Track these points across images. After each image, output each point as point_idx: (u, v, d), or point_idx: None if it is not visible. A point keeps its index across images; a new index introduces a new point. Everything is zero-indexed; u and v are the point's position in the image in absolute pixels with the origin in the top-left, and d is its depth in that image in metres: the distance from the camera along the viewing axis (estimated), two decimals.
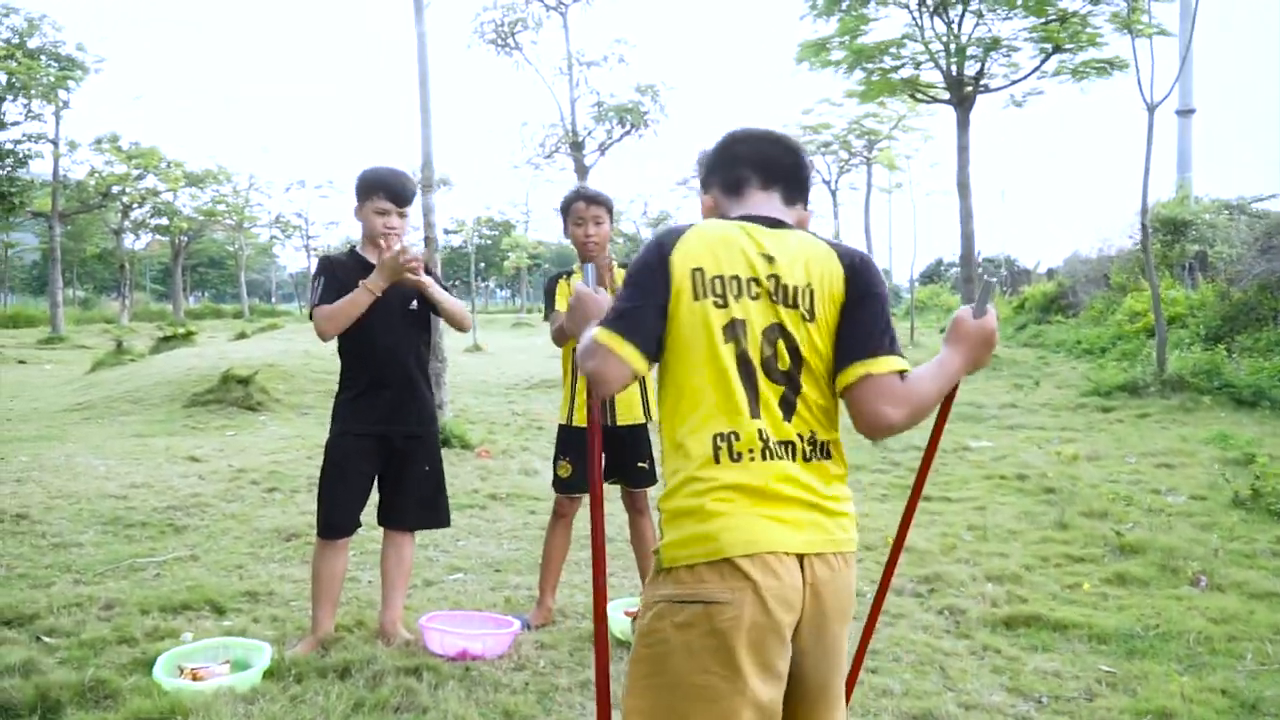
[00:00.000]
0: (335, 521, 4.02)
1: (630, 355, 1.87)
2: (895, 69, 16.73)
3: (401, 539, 4.21)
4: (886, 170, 27.81)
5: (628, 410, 4.33)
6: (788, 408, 1.93)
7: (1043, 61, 15.78)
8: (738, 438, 1.87)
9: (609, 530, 6.04)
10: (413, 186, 4.16)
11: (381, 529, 4.24)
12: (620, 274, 4.54)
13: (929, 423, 2.21)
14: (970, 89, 16.23)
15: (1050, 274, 28.94)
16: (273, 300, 77.40)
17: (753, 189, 2.11)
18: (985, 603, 4.63)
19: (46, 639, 4.07)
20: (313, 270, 4.20)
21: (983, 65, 16.06)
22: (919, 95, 17.37)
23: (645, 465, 4.41)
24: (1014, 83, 16.57)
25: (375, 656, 3.81)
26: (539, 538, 5.66)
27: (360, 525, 4.12)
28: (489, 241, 60.08)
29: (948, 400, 2.20)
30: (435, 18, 9.05)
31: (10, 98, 25.27)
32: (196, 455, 8.75)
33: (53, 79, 26.03)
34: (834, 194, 34.32)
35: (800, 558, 1.85)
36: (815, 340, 1.96)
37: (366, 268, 4.00)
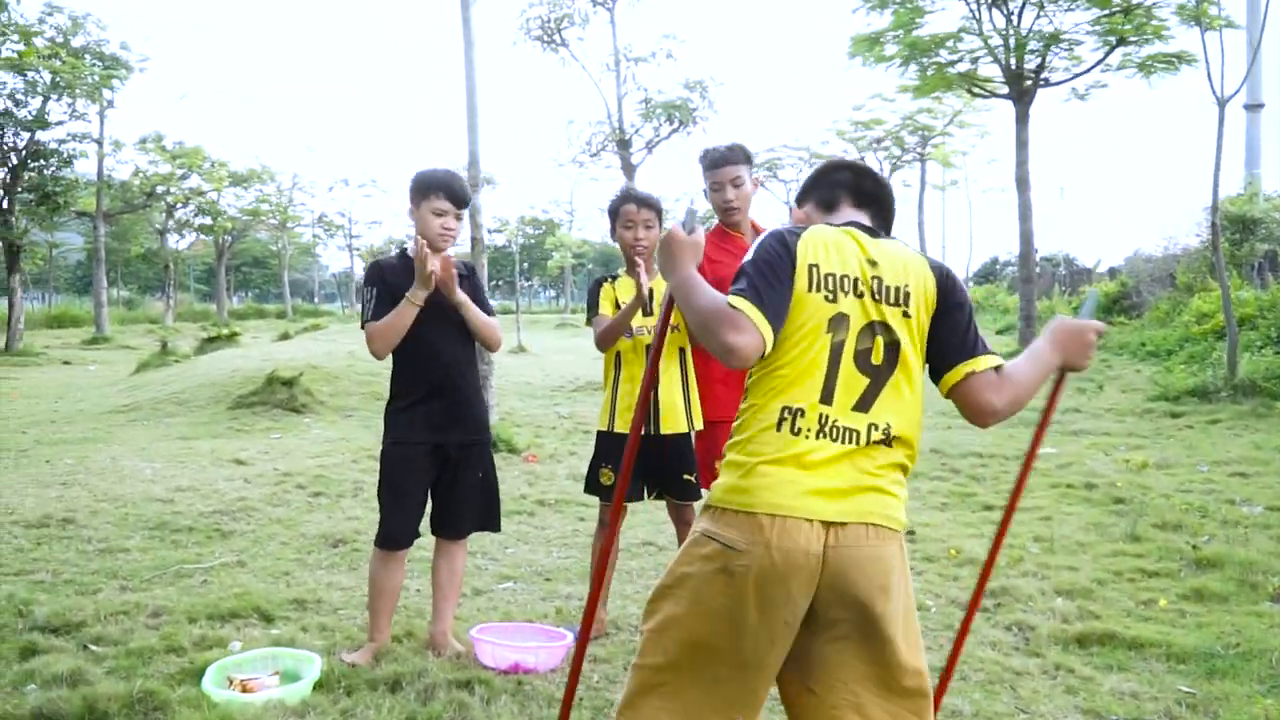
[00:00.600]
0: (395, 534, 3.92)
1: (766, 331, 2.02)
2: (952, 63, 16.44)
3: (454, 548, 4.10)
4: (941, 167, 27.44)
5: (672, 418, 4.15)
6: (868, 398, 2.12)
7: (1106, 54, 15.43)
8: (803, 415, 2.07)
9: (648, 534, 5.94)
10: (467, 188, 4.06)
11: (432, 537, 4.12)
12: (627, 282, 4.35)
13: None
14: (1030, 83, 15.92)
15: (1112, 273, 28.34)
16: (315, 300, 78.06)
17: (846, 206, 2.35)
18: (1056, 619, 4.43)
19: (94, 647, 3.99)
20: (362, 278, 4.07)
21: (1043, 59, 15.73)
22: (976, 90, 17.06)
23: (691, 478, 4.21)
24: (1076, 76, 16.23)
25: (426, 669, 3.69)
26: (588, 546, 5.53)
27: (419, 536, 4.02)
28: (533, 241, 60.19)
29: (1046, 414, 2.56)
30: (481, 14, 8.99)
31: (55, 97, 25.47)
32: (242, 458, 8.71)
33: (97, 78, 26.26)
34: None
35: (827, 526, 2.03)
36: (913, 336, 2.18)
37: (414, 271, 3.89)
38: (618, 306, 4.23)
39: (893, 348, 2.16)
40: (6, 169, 24.94)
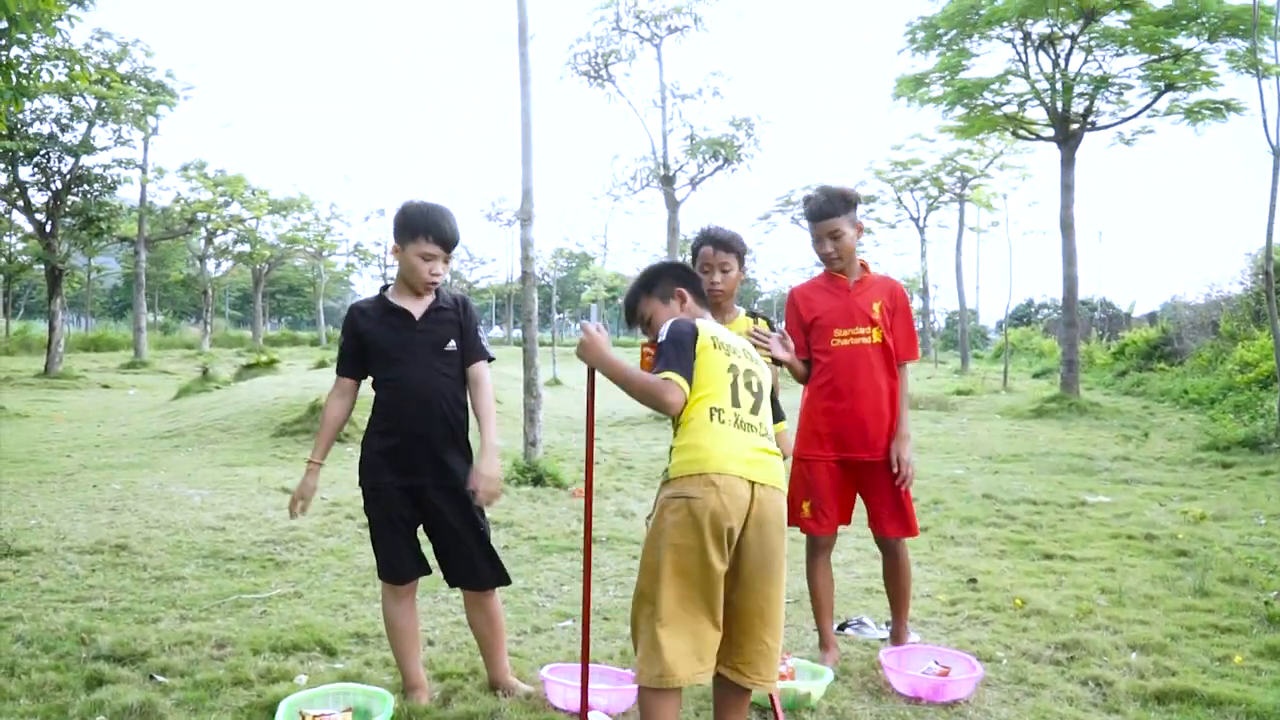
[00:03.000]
0: (393, 564, 3.82)
1: (686, 386, 3.03)
2: (998, 105, 16.40)
3: (481, 597, 3.91)
4: (980, 209, 27.32)
5: None
6: (754, 407, 3.11)
7: (1155, 99, 15.34)
8: (723, 412, 3.02)
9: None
10: (457, 227, 3.85)
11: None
12: (747, 322, 4.31)
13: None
14: (1077, 126, 15.84)
15: (1152, 319, 28.10)
16: None
17: (694, 303, 3.40)
18: (1132, 674, 4.32)
19: (160, 678, 3.96)
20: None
21: (1091, 102, 15.65)
22: (1021, 133, 17.00)
23: None
24: (1123, 120, 16.14)
25: (499, 709, 3.65)
26: None
27: (428, 572, 3.91)
28: (565, 273, 60.36)
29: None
30: (508, 48, 8.97)
31: (100, 123, 25.87)
32: (288, 487, 8.71)
33: (142, 105, 26.65)
34: (922, 231, 33.92)
35: (752, 484, 2.95)
36: (763, 377, 3.22)
37: (393, 312, 3.77)
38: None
39: (759, 384, 3.17)
40: (51, 193, 25.30)
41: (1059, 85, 15.47)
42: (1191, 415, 15.58)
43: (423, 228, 3.70)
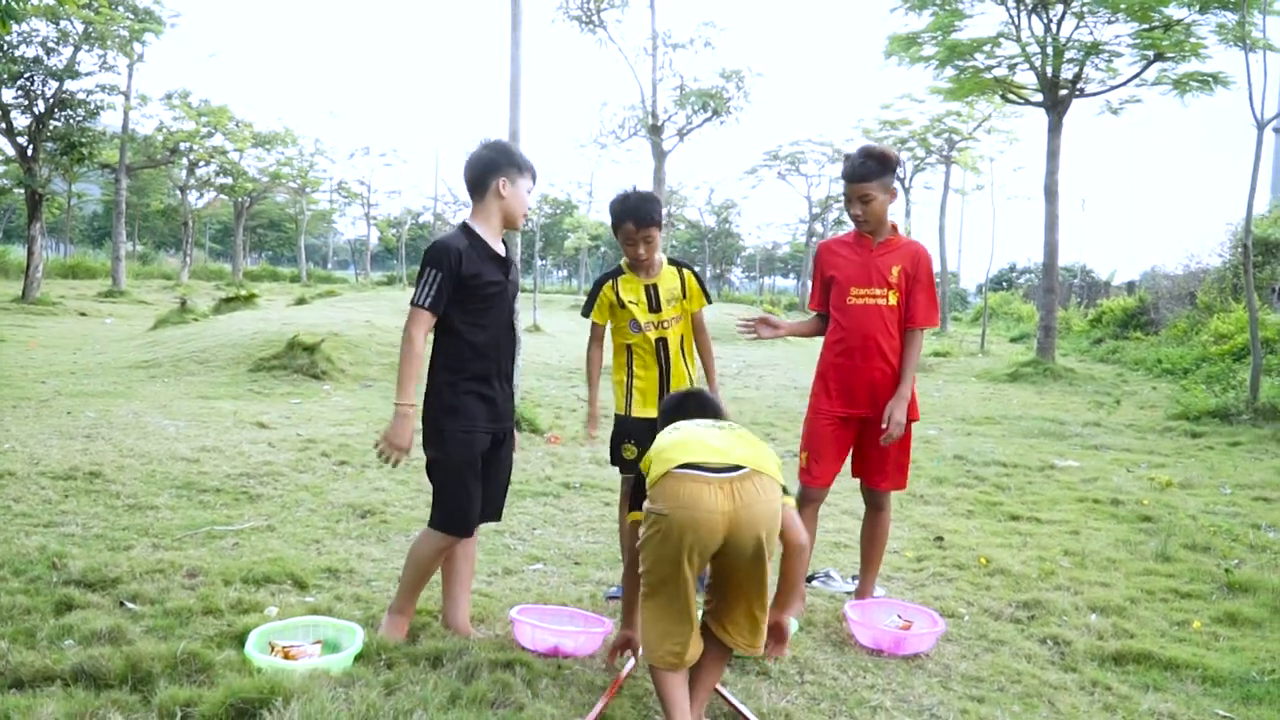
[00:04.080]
0: (472, 521, 3.80)
1: None
2: (989, 68, 16.33)
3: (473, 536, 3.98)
4: (966, 171, 27.29)
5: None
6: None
7: (1144, 69, 15.32)
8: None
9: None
10: None
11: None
12: (672, 272, 4.58)
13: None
14: (1065, 92, 15.80)
15: (1130, 288, 28.26)
16: (329, 266, 78.02)
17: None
18: (1091, 635, 4.41)
19: (131, 605, 3.98)
20: (427, 255, 3.73)
21: (1081, 69, 15.61)
22: (1010, 96, 16.95)
23: None
24: (1112, 89, 16.12)
25: (467, 647, 3.68)
26: (615, 530, 5.54)
27: None
28: (549, 220, 60.11)
29: None
30: None
31: (86, 47, 25.39)
32: (264, 421, 8.71)
33: (129, 31, 26.17)
34: (907, 192, 33.84)
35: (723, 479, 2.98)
36: None
37: (493, 258, 3.79)
38: (613, 309, 4.57)
39: None
40: (33, 117, 24.87)
41: (1049, 50, 15.40)
42: (1164, 384, 15.72)
43: (528, 165, 3.87)
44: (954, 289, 46.12)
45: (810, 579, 5.01)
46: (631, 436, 4.60)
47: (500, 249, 3.85)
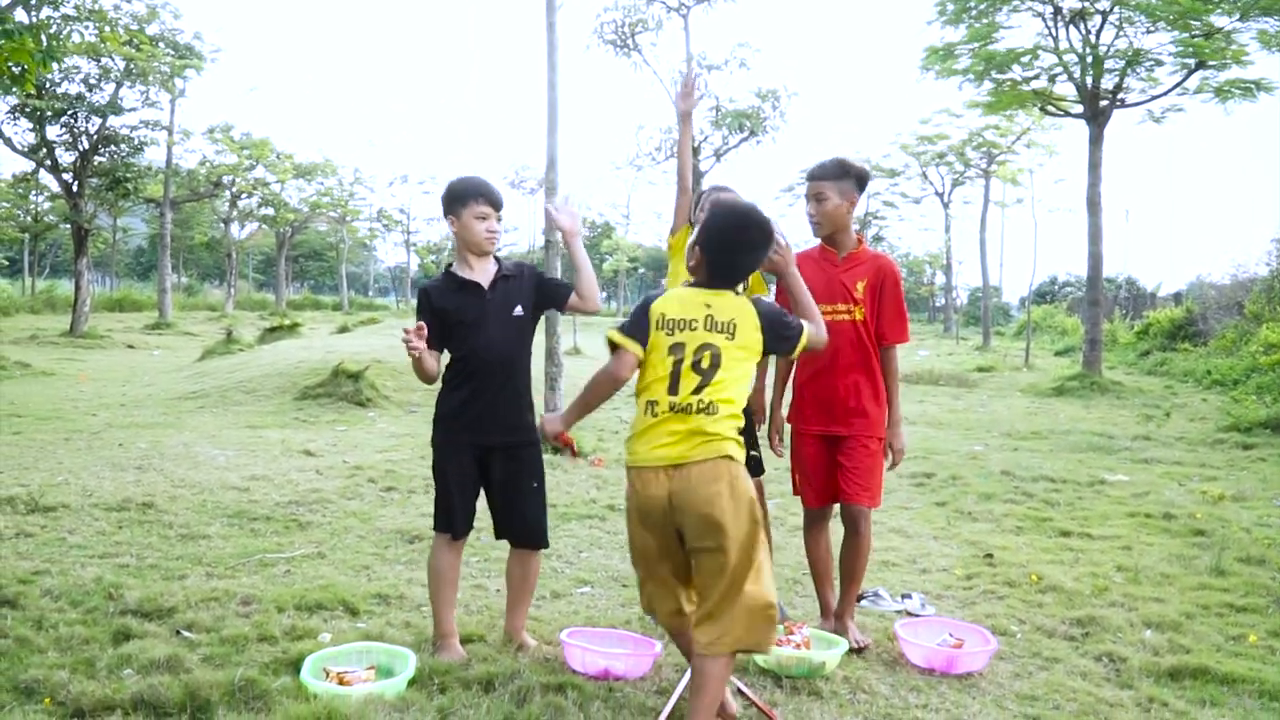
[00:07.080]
0: (454, 520, 4.01)
1: (633, 347, 3.29)
2: (1026, 80, 16.23)
3: (526, 554, 4.15)
4: (1006, 185, 27.11)
5: None
6: (698, 386, 3.19)
7: (1185, 77, 15.17)
8: (657, 404, 3.22)
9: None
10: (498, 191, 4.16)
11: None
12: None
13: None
14: (1106, 103, 15.67)
15: (1177, 299, 27.89)
16: (370, 294, 78.76)
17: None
18: (1146, 651, 4.35)
19: (187, 634, 4.04)
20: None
21: (1121, 79, 15.49)
22: (1050, 108, 16.82)
23: (756, 454, 4.48)
24: (1153, 98, 15.95)
25: (519, 671, 3.71)
26: None
27: (472, 529, 4.11)
28: (588, 244, 60.22)
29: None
30: (535, 16, 8.94)
31: (128, 84, 25.93)
32: (311, 449, 8.82)
33: (170, 67, 26.68)
34: (946, 206, 33.69)
35: (669, 469, 3.16)
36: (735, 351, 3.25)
37: (463, 286, 3.98)
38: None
39: (717, 358, 3.23)
40: (78, 153, 25.43)
41: (1089, 60, 15.27)
42: (1214, 396, 15.49)
43: (472, 192, 3.97)
44: (996, 303, 45.75)
45: (860, 599, 4.98)
46: None
47: (475, 276, 4.00)
